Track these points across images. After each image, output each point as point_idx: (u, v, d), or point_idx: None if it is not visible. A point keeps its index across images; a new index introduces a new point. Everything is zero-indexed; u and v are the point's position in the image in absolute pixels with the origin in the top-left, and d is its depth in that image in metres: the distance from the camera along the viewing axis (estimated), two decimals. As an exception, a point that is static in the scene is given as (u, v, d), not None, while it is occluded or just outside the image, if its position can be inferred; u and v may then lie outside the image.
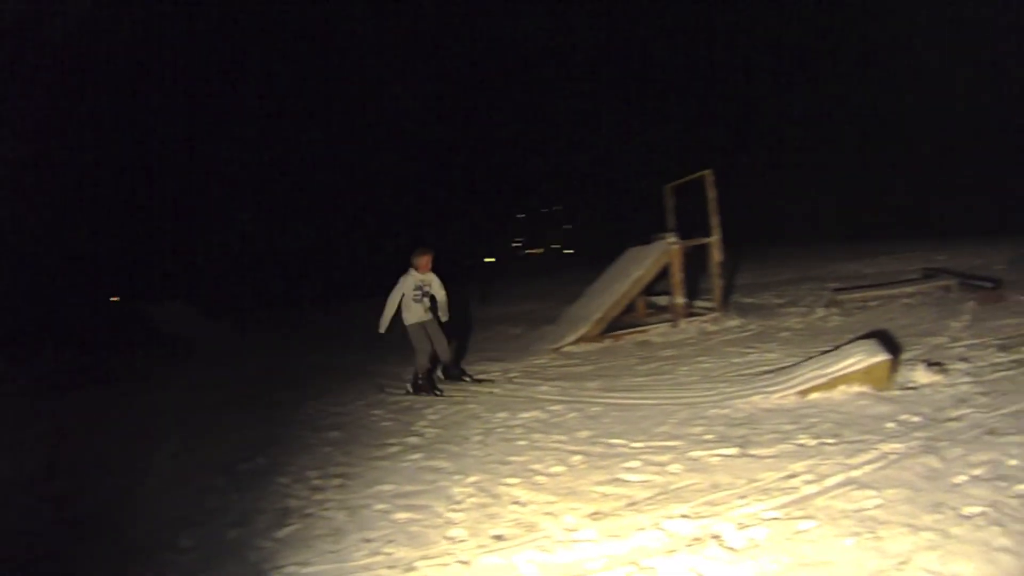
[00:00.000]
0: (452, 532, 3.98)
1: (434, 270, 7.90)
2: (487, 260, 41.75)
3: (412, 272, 7.82)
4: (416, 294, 7.80)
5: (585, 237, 42.74)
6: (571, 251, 46.49)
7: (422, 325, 7.88)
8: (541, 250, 52.37)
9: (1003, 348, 6.50)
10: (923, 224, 24.18)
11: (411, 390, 7.92)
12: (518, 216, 50.67)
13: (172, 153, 32.67)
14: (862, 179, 33.16)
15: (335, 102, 36.85)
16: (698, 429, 5.26)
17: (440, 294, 8.00)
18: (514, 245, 52.48)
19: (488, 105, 40.60)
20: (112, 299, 29.17)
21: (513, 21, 37.60)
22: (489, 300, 17.77)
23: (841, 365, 5.73)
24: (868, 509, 3.54)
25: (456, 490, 4.64)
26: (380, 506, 4.50)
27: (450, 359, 8.34)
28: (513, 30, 38.03)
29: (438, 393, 7.73)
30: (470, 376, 8.29)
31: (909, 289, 9.95)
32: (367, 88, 37.08)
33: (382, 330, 7.74)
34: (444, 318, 8.08)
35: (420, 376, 7.88)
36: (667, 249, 10.16)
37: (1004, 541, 3.09)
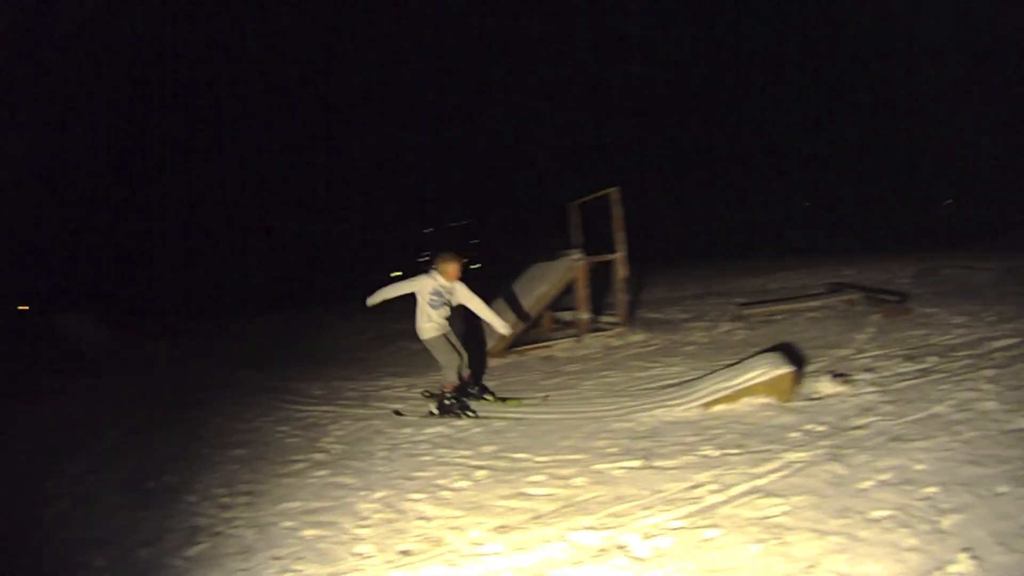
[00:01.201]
0: (360, 548, 4.09)
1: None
2: (394, 275, 41.76)
3: (435, 275, 7.23)
4: (434, 299, 7.19)
5: (493, 251, 43.42)
6: (479, 265, 47.39)
7: (444, 336, 7.32)
8: None
9: (909, 358, 7.02)
10: (831, 239, 25.66)
11: (436, 412, 7.24)
12: (425, 230, 51.25)
13: (92, 153, 31.23)
14: (771, 197, 35.02)
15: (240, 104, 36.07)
16: (602, 442, 5.51)
17: (474, 303, 7.48)
18: (421, 260, 53.00)
19: (394, 117, 40.66)
20: (20, 308, 27.70)
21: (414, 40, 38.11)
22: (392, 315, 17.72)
23: (745, 378, 6.08)
24: (774, 516, 3.79)
25: (363, 506, 4.75)
26: (288, 523, 4.60)
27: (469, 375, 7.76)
28: (414, 49, 38.54)
29: (471, 414, 7.09)
30: (492, 394, 7.83)
31: (814, 303, 10.52)
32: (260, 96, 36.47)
33: (371, 303, 7.39)
34: (502, 329, 7.71)
35: (448, 395, 7.27)
36: (572, 265, 10.44)
37: (912, 541, 3.38)
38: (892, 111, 33.37)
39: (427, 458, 5.68)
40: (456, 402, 7.19)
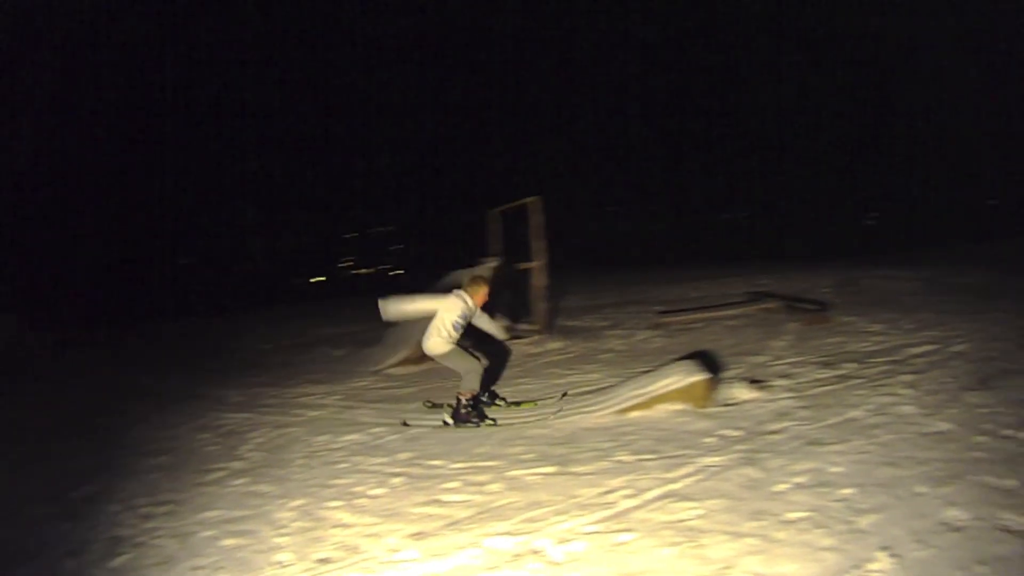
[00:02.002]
0: (278, 557, 4.15)
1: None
2: (314, 280, 42.36)
3: (466, 298, 7.10)
4: (459, 321, 7.04)
5: (416, 257, 43.89)
6: (402, 271, 48.06)
7: (458, 345, 7.16)
8: (372, 270, 53.46)
9: (826, 365, 7.24)
10: (753, 249, 26.37)
11: (451, 421, 6.96)
12: (347, 236, 51.39)
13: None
14: (695, 206, 35.93)
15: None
16: (518, 449, 5.59)
17: (484, 320, 7.45)
18: (344, 265, 53.50)
19: (321, 117, 40.58)
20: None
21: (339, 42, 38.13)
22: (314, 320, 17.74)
23: (659, 384, 6.19)
24: (688, 520, 3.87)
25: (281, 515, 4.79)
26: (208, 532, 4.64)
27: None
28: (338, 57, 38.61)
29: (491, 422, 6.88)
30: (503, 399, 7.61)
31: (733, 312, 10.74)
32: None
33: (386, 315, 7.37)
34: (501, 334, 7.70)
35: (466, 402, 6.99)
36: (489, 273, 10.40)
37: (829, 541, 3.47)
38: (821, 126, 34.56)
39: (344, 465, 5.73)
40: (473, 410, 7.00)
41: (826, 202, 34.89)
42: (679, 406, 6.03)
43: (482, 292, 7.17)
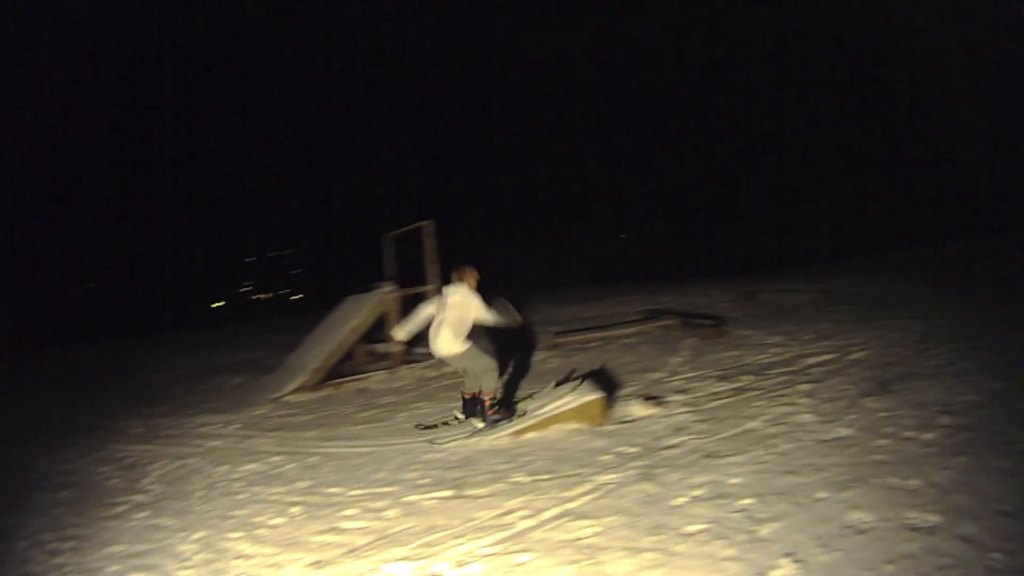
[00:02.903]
0: None
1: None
2: (215, 305, 42.19)
3: (463, 288, 7.11)
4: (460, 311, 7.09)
5: (314, 282, 43.85)
6: (300, 296, 48.02)
7: (474, 344, 7.11)
8: (271, 295, 53.41)
9: (723, 378, 7.43)
10: (652, 268, 26.92)
11: (483, 425, 6.85)
12: (247, 260, 50.99)
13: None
14: (593, 229, 36.58)
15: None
16: (414, 474, 5.63)
17: (491, 316, 7.26)
18: (243, 290, 53.20)
19: (221, 142, 40.24)
20: None
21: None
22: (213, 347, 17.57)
23: (554, 405, 6.31)
24: (586, 538, 3.90)
25: (184, 547, 4.79)
26: (114, 568, 4.66)
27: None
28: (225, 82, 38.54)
29: (521, 412, 6.93)
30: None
31: (630, 330, 10.89)
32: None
33: (401, 337, 7.57)
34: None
35: (491, 402, 6.94)
36: (383, 298, 10.70)
37: (730, 552, 3.54)
38: (717, 146, 35.69)
39: (243, 496, 5.73)
40: (501, 407, 6.98)
41: (728, 220, 35.98)
42: (575, 425, 6.12)
43: (471, 273, 7.15)
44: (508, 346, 11.47)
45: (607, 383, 7.23)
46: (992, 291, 11.21)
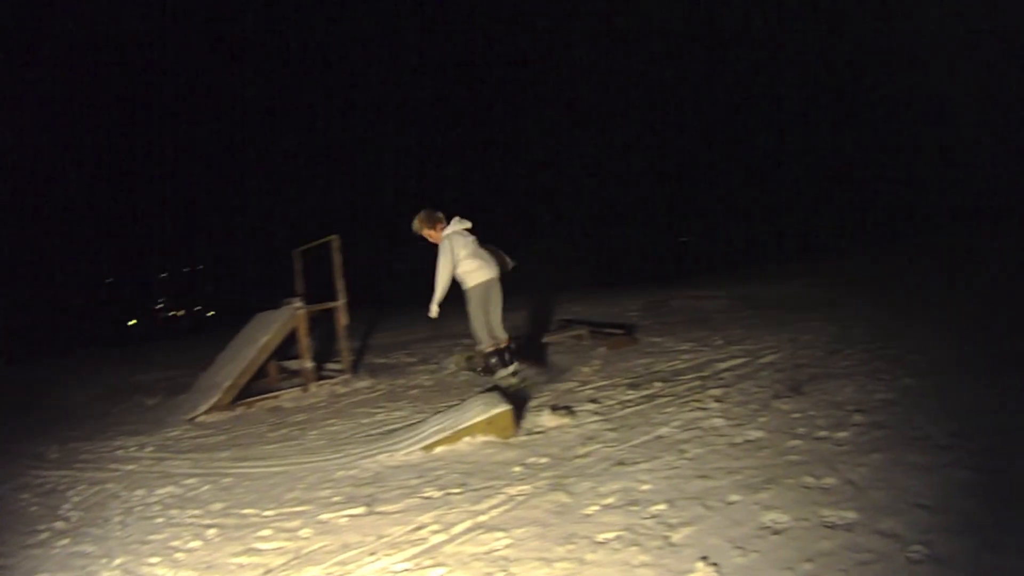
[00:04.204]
0: None
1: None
2: (129, 323, 41.54)
3: (438, 237, 8.12)
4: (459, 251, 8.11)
5: (228, 298, 43.36)
6: (213, 312, 47.28)
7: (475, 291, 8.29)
8: (184, 312, 52.66)
9: (633, 386, 7.50)
10: (567, 276, 27.17)
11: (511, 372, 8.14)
12: (161, 275, 50.11)
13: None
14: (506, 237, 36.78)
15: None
16: (326, 492, 5.59)
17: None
18: (157, 307, 52.28)
19: (133, 157, 39.47)
20: None
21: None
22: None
23: (464, 418, 6.32)
24: (498, 550, 3.89)
25: (105, 574, 4.72)
26: None
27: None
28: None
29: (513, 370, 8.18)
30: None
31: (541, 340, 10.91)
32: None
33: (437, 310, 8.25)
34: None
35: (487, 354, 8.28)
36: (293, 314, 10.62)
37: (644, 558, 3.55)
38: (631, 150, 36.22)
39: (160, 520, 5.66)
40: (493, 357, 8.26)
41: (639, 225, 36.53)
42: (485, 438, 6.15)
43: (424, 222, 8.19)
44: (422, 359, 11.55)
45: (517, 394, 7.31)
46: (906, 294, 11.61)
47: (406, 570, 3.87)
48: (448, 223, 8.23)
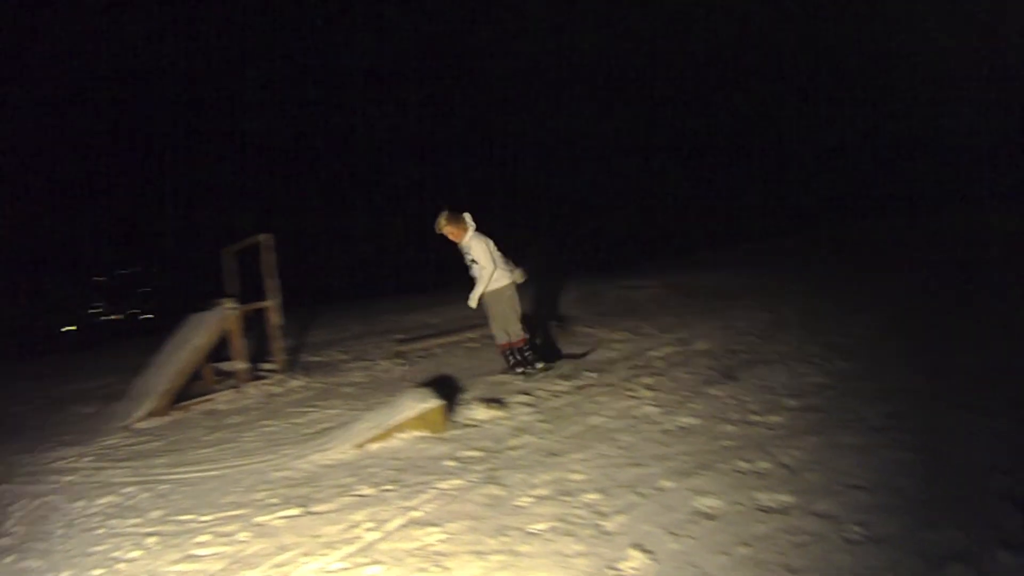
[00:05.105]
0: None
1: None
2: (66, 329, 40.56)
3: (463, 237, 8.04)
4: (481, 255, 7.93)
5: (164, 301, 42.62)
6: (151, 316, 46.49)
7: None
8: (122, 316, 51.52)
9: (565, 377, 7.59)
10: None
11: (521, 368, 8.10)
12: (97, 279, 48.99)
13: None
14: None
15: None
16: (262, 494, 5.56)
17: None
18: (92, 311, 51.00)
19: (63, 152, 38.69)
20: None
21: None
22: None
23: (396, 414, 6.32)
24: (432, 545, 3.90)
25: None
26: None
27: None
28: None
29: (532, 370, 8.03)
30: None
31: (472, 334, 11.05)
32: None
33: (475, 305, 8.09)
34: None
35: (512, 350, 8.15)
36: (225, 315, 10.47)
37: (578, 547, 3.59)
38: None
39: (101, 531, 5.56)
40: (514, 355, 8.14)
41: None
42: (416, 433, 6.16)
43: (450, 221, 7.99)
44: (356, 357, 11.51)
45: (449, 388, 7.36)
46: (838, 279, 11.87)
47: (343, 569, 3.87)
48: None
